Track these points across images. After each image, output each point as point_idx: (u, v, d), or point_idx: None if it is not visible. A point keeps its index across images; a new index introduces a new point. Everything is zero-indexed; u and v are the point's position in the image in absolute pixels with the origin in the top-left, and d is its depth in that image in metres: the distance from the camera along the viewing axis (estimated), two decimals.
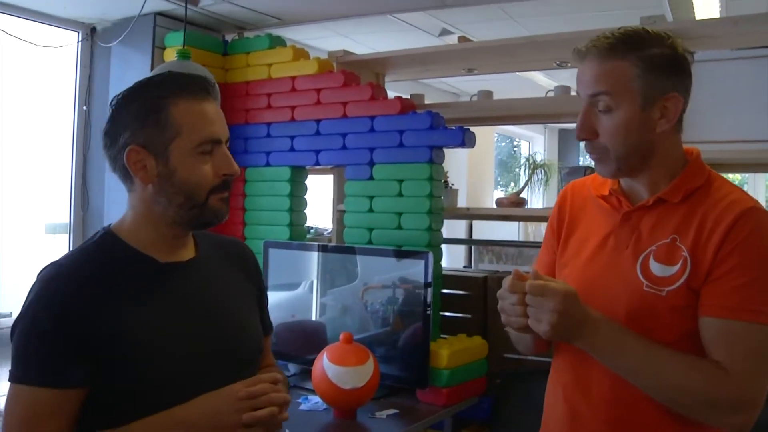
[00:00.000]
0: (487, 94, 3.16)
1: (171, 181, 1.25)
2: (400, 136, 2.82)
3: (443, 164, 2.84)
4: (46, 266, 1.24)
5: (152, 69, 3.12)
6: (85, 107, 3.38)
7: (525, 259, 3.17)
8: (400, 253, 2.67)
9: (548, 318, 1.20)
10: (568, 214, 1.49)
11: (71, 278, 1.20)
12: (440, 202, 2.81)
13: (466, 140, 2.75)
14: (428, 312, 2.51)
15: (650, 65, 1.26)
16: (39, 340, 1.15)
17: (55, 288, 1.18)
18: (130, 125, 1.24)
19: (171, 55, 3.11)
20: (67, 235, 3.43)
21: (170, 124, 1.23)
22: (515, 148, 9.03)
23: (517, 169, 9.25)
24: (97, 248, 1.28)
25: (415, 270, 2.62)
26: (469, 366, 2.60)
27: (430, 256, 2.51)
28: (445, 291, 2.91)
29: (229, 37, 3.39)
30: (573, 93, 3.03)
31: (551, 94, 3.04)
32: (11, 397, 1.15)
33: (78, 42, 3.39)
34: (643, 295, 1.28)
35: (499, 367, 2.79)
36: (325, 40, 4.28)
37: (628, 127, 1.28)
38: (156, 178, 1.25)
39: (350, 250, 2.83)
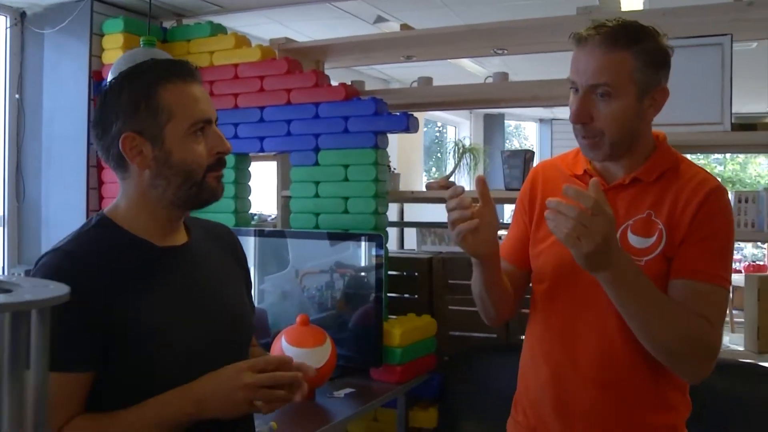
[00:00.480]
0: (427, 81, 3.24)
1: (168, 163, 1.27)
2: (345, 122, 2.87)
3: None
4: (47, 253, 1.24)
5: (90, 56, 3.07)
6: (17, 95, 3.29)
7: None
8: (351, 236, 2.73)
9: (594, 239, 1.20)
10: (540, 192, 1.57)
11: (75, 262, 1.20)
12: (385, 186, 2.89)
13: (410, 125, 2.83)
14: (381, 292, 2.58)
15: (648, 59, 1.36)
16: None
17: (58, 273, 1.18)
18: (122, 113, 1.25)
19: (110, 42, 3.07)
20: (1, 227, 3.34)
21: (163, 108, 1.25)
22: (437, 133, 9.19)
23: (439, 155, 9.42)
24: (96, 233, 1.28)
25: (361, 253, 2.70)
26: (420, 344, 2.69)
27: (382, 238, 2.59)
28: (391, 272, 2.99)
29: (167, 24, 3.36)
30: (511, 79, 3.15)
31: (490, 80, 3.15)
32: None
33: (7, 27, 3.30)
34: None
35: (446, 346, 2.90)
36: (259, 27, 4.27)
37: (625, 116, 1.37)
38: (153, 162, 1.27)
39: (298, 235, 2.87)
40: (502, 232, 1.73)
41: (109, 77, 2.39)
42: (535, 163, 2.96)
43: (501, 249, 1.61)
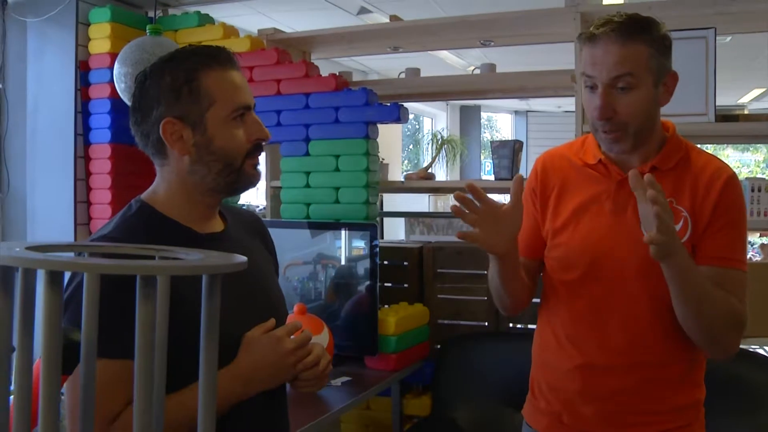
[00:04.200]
0: (415, 72, 3.26)
1: (209, 149, 1.27)
2: (336, 112, 2.89)
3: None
4: (93, 239, 1.24)
5: (77, 46, 3.04)
6: (0, 84, 3.24)
7: (455, 228, 3.31)
8: (345, 226, 2.75)
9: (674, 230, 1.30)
10: (553, 182, 1.59)
11: None
12: (376, 176, 2.91)
13: (401, 116, 2.86)
14: (375, 281, 2.61)
15: (659, 47, 1.41)
16: (100, 311, 1.14)
17: None
18: (163, 98, 1.25)
19: (97, 32, 3.05)
20: None
21: (204, 94, 1.25)
22: (411, 124, 9.21)
23: (411, 146, 9.46)
24: (138, 219, 1.28)
25: (354, 242, 2.72)
26: (414, 332, 2.72)
27: (376, 228, 2.61)
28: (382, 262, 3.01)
29: (152, 14, 3.32)
30: (498, 71, 3.18)
31: (477, 71, 3.18)
32: (76, 372, 1.15)
33: None
34: None
35: (436, 334, 2.93)
36: (242, 18, 4.26)
37: (646, 104, 1.42)
38: (193, 148, 1.27)
39: (293, 225, 2.88)
40: None
41: (117, 65, 2.39)
42: (524, 153, 3.01)
43: None
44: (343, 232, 2.77)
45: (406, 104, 2.95)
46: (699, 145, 1.62)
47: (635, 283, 1.44)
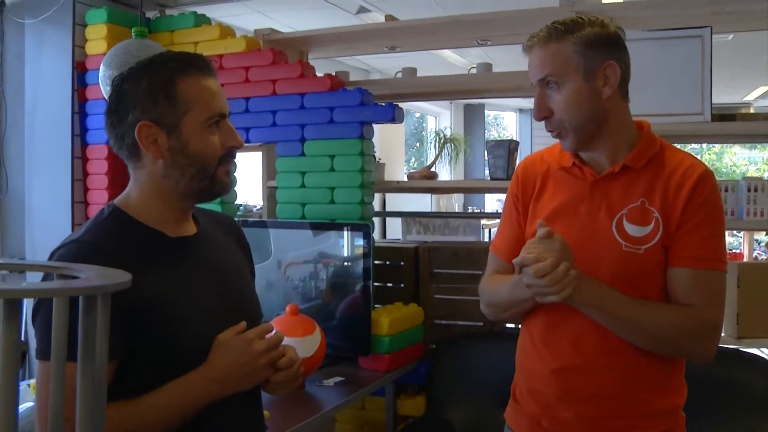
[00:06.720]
0: (411, 71, 3.25)
1: (184, 153, 1.28)
2: (331, 112, 2.89)
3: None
4: (64, 244, 1.24)
5: (74, 47, 3.05)
6: None
7: (452, 229, 3.32)
8: (340, 227, 2.75)
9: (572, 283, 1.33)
10: (532, 186, 1.60)
11: (95, 253, 1.19)
12: (371, 176, 2.91)
13: (396, 116, 2.85)
14: (369, 282, 2.61)
15: (585, 42, 1.43)
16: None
17: (80, 261, 1.18)
18: (140, 102, 1.27)
19: (94, 33, 3.06)
20: None
21: (181, 100, 1.27)
22: (416, 123, 9.21)
23: (417, 144, 9.47)
24: (110, 224, 1.29)
25: (348, 242, 2.72)
26: (407, 332, 2.72)
27: (369, 228, 2.61)
28: (377, 262, 3.01)
29: (150, 15, 3.34)
30: (494, 70, 3.17)
31: (474, 70, 3.17)
32: (42, 374, 1.16)
33: None
34: (624, 254, 1.44)
35: (431, 334, 2.93)
36: (240, 17, 4.27)
37: (577, 98, 1.44)
38: (167, 152, 1.28)
39: (286, 225, 2.89)
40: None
41: (102, 68, 2.40)
42: (519, 153, 3.00)
43: (498, 249, 1.65)
44: (337, 232, 2.77)
45: (409, 103, 2.95)
46: (696, 145, 1.63)
47: (609, 284, 1.43)
